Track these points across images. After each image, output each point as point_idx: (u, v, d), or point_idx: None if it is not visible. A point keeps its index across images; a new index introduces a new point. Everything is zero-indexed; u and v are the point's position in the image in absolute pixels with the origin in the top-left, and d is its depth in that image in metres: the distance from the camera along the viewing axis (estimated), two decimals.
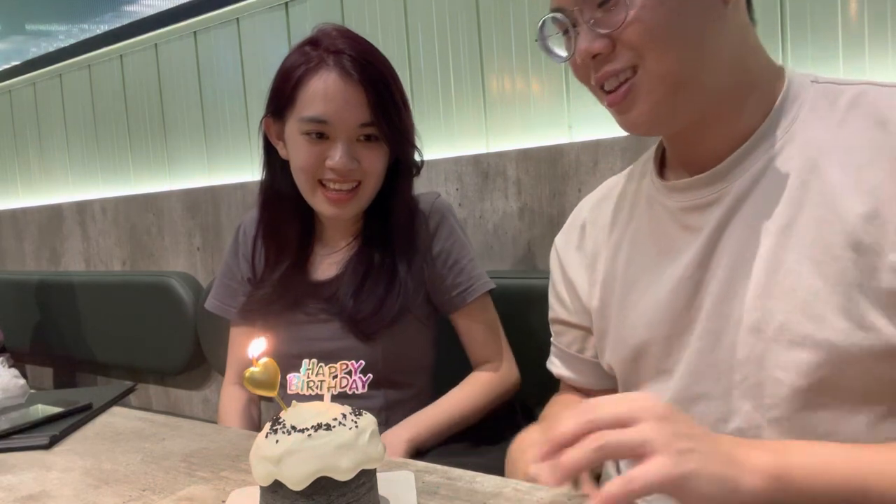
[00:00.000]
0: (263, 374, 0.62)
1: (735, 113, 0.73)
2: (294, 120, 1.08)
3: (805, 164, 0.69)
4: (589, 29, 0.71)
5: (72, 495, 0.76)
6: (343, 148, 1.06)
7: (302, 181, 1.11)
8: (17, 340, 2.34)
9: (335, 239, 1.20)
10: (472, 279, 1.16)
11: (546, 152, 1.41)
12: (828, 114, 0.71)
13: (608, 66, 0.72)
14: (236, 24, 1.94)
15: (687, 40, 0.69)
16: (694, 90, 0.71)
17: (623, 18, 0.68)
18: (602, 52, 0.71)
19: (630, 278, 0.83)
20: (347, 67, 1.05)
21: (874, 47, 1.12)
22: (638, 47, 0.69)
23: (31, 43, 2.61)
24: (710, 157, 0.74)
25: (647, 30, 0.68)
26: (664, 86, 0.70)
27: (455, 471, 0.73)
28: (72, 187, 2.54)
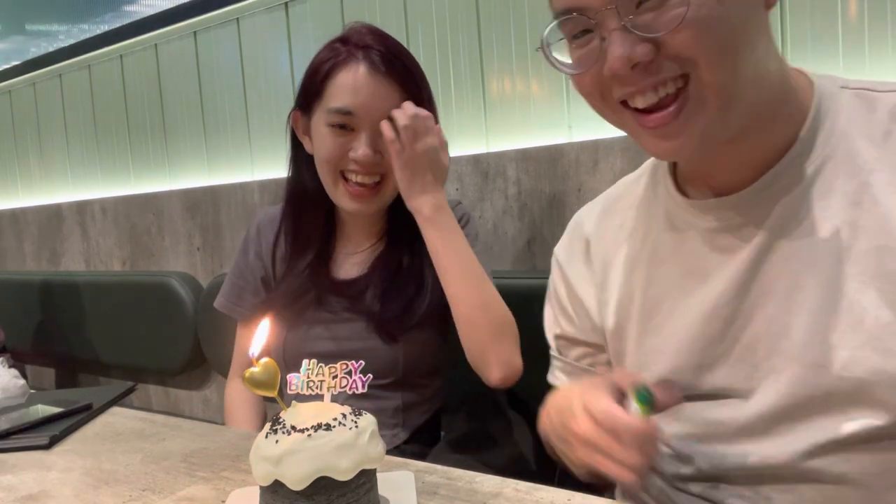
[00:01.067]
0: (263, 374, 0.62)
1: (768, 128, 0.66)
2: (321, 112, 1.09)
3: (854, 183, 0.63)
4: (626, 33, 0.60)
5: (72, 495, 0.76)
6: (367, 139, 1.07)
7: (325, 173, 1.11)
8: (17, 340, 2.33)
9: (358, 238, 1.20)
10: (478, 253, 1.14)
11: (546, 152, 1.41)
12: (868, 125, 0.65)
13: (651, 78, 0.61)
14: (236, 24, 1.94)
15: (742, 48, 0.60)
16: (743, 105, 0.63)
17: (680, 16, 0.58)
18: (643, 61, 0.60)
19: (651, 300, 0.77)
20: (376, 62, 1.07)
21: (874, 47, 1.12)
22: (689, 55, 0.60)
23: (31, 43, 2.61)
24: (741, 176, 0.68)
25: (703, 35, 0.59)
26: (718, 100, 0.61)
27: (455, 471, 0.73)
28: (72, 187, 2.54)
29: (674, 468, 0.76)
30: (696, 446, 0.74)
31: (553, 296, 0.90)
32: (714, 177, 0.70)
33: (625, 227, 0.81)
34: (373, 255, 1.17)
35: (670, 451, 0.77)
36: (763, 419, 0.69)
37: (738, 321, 0.69)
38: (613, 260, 0.82)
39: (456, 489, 0.69)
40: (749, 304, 0.68)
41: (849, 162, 0.64)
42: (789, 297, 0.66)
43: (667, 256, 0.76)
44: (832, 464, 0.65)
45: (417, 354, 1.12)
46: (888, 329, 0.61)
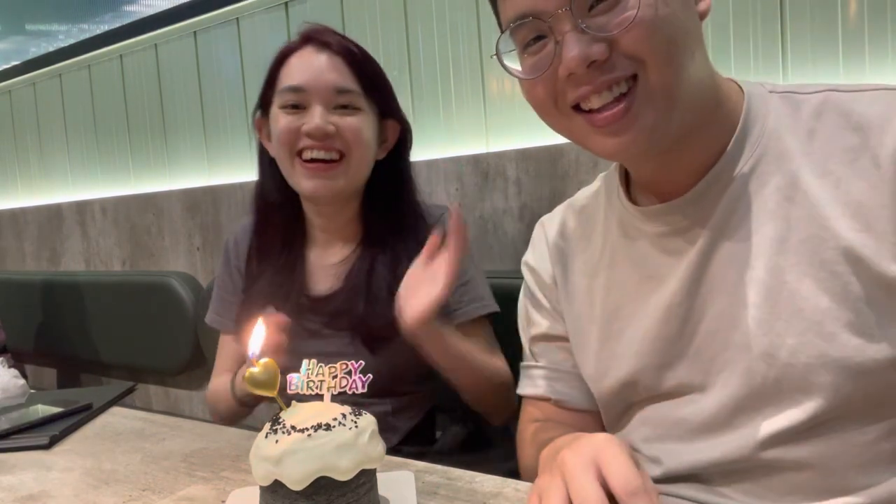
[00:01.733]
0: (263, 374, 0.62)
1: (704, 133, 0.69)
2: (276, 100, 1.08)
3: (785, 178, 0.67)
4: (580, 34, 0.63)
5: (72, 495, 0.76)
6: (318, 112, 1.05)
7: (282, 159, 1.08)
8: (17, 340, 2.33)
9: (333, 247, 1.14)
10: (474, 299, 1.10)
11: (546, 152, 1.41)
12: (794, 123, 0.68)
13: (606, 76, 0.64)
14: (236, 24, 1.94)
15: (685, 52, 0.64)
16: (686, 107, 0.66)
17: (629, 17, 0.61)
18: (598, 60, 0.63)
19: (611, 306, 0.80)
20: (322, 41, 1.07)
21: (874, 47, 1.12)
22: (639, 53, 0.63)
23: (31, 43, 2.60)
24: (683, 180, 0.71)
25: (651, 33, 0.62)
26: (665, 100, 0.65)
27: (455, 471, 0.73)
28: (72, 187, 2.54)
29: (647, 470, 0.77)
30: (662, 446, 0.76)
31: (528, 299, 0.91)
32: (659, 182, 0.74)
33: (585, 235, 0.85)
34: (349, 265, 1.11)
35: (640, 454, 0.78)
36: (722, 413, 0.71)
37: (692, 319, 0.72)
38: (574, 267, 0.85)
39: (456, 489, 0.69)
40: (700, 302, 0.71)
41: (779, 159, 0.68)
42: (736, 291, 0.69)
43: (623, 263, 0.79)
44: (789, 451, 0.67)
45: (405, 363, 1.07)
46: (828, 314, 0.64)
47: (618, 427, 0.83)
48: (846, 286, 0.63)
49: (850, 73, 1.14)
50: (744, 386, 0.69)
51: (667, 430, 0.76)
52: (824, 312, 0.64)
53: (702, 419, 0.73)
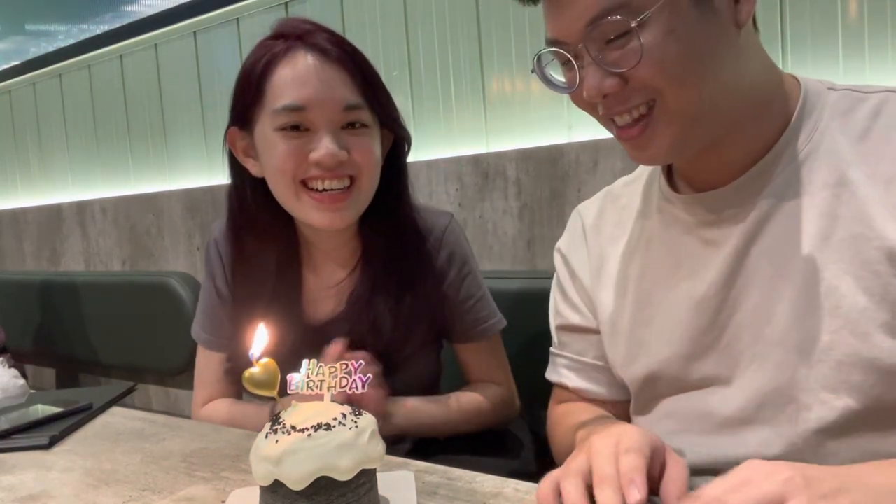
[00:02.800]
0: (263, 374, 0.62)
1: (750, 130, 0.70)
2: (265, 118, 0.92)
3: (833, 176, 0.67)
4: (597, 66, 0.66)
5: (72, 495, 0.76)
6: (328, 136, 0.90)
7: (282, 188, 0.93)
8: (17, 341, 2.33)
9: (331, 268, 1.03)
10: (485, 317, 1.06)
11: (546, 152, 1.41)
12: (849, 123, 0.68)
13: (620, 106, 0.68)
14: (236, 24, 1.94)
15: (704, 72, 0.66)
16: (712, 119, 0.68)
17: (636, 57, 0.64)
18: (612, 92, 0.67)
19: (644, 291, 0.80)
20: (321, 45, 0.92)
21: (874, 47, 1.12)
22: (653, 84, 0.66)
23: (31, 43, 2.61)
24: (727, 172, 0.72)
25: (661, 68, 0.64)
26: (683, 119, 0.67)
27: (455, 471, 0.73)
28: (72, 187, 2.54)
29: None
30: (686, 438, 0.76)
31: (557, 287, 0.93)
32: (704, 172, 0.74)
33: (621, 223, 0.85)
34: (350, 286, 1.01)
35: None
36: (749, 407, 0.71)
37: (724, 311, 0.73)
38: (610, 254, 0.85)
39: (456, 489, 0.69)
40: (735, 294, 0.72)
41: (830, 155, 0.68)
42: (772, 285, 0.69)
43: (658, 249, 0.79)
44: (817, 451, 0.67)
45: (409, 380, 1.03)
46: (864, 314, 0.64)
47: (643, 416, 0.83)
48: (886, 287, 0.63)
49: (850, 73, 1.14)
50: (773, 381, 0.69)
51: (692, 422, 0.76)
52: (861, 311, 0.64)
53: (728, 413, 0.73)
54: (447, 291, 1.03)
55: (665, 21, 0.63)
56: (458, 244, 1.05)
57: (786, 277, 0.68)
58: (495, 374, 1.09)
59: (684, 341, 0.75)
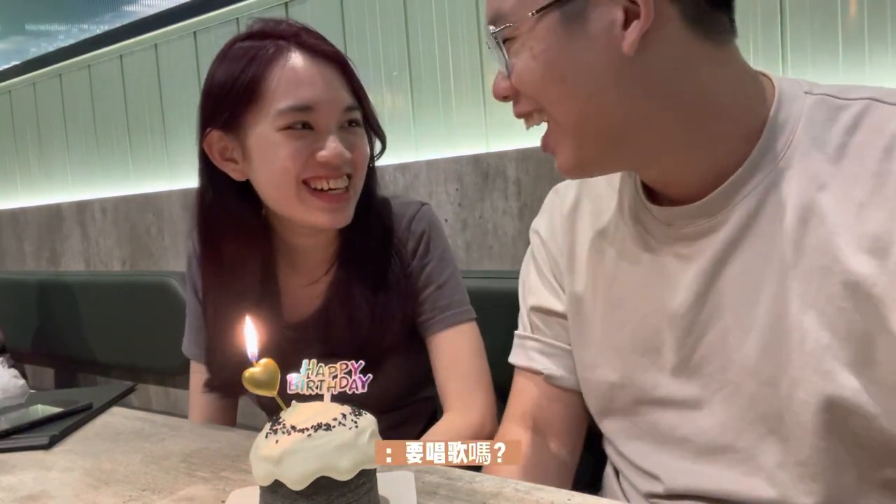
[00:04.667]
0: (263, 374, 0.62)
1: (709, 143, 0.66)
2: (266, 119, 0.91)
3: (803, 198, 0.63)
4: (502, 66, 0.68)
5: (72, 495, 0.76)
6: (333, 136, 0.92)
7: (283, 188, 0.93)
8: (17, 341, 2.33)
9: (311, 267, 1.03)
10: (445, 305, 1.02)
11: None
12: (827, 135, 0.64)
13: (517, 109, 0.70)
14: (236, 24, 1.94)
15: (573, 94, 0.64)
16: (628, 137, 0.66)
17: (512, 65, 0.66)
18: (507, 95, 0.69)
19: (615, 297, 0.78)
20: (314, 46, 0.92)
21: (874, 47, 1.12)
22: (529, 94, 0.67)
23: (31, 43, 2.61)
24: (696, 184, 0.69)
25: (525, 82, 0.66)
26: (572, 133, 0.67)
27: (455, 471, 0.73)
28: (72, 187, 2.54)
29: (647, 486, 0.77)
30: (661, 462, 0.75)
31: (534, 269, 0.89)
32: (672, 184, 0.72)
33: (595, 214, 0.83)
34: (326, 285, 1.02)
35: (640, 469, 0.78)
36: (726, 435, 0.69)
37: (695, 331, 0.71)
38: (581, 242, 0.83)
39: (456, 489, 0.69)
40: (706, 315, 0.70)
41: (802, 175, 0.64)
42: (744, 311, 0.67)
43: (632, 255, 0.77)
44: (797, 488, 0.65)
45: (399, 379, 1.03)
46: (828, 351, 0.61)
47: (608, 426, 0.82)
48: (850, 324, 0.60)
49: (849, 73, 1.14)
50: (749, 410, 0.68)
51: (667, 447, 0.75)
52: (825, 349, 0.61)
53: (703, 440, 0.71)
54: (410, 277, 1.02)
55: (525, 39, 0.65)
56: (424, 231, 1.04)
57: (755, 304, 0.66)
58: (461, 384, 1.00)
59: (655, 352, 0.74)
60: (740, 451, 0.69)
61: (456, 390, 1.00)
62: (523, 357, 0.88)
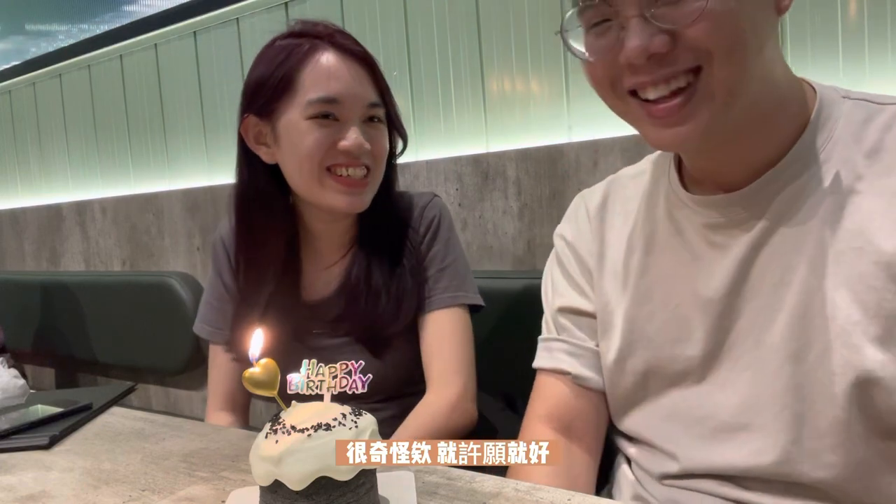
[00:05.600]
0: (263, 374, 0.62)
1: (767, 130, 0.69)
2: (296, 108, 1.01)
3: (841, 187, 0.66)
4: (644, 23, 0.62)
5: (72, 495, 0.75)
6: (356, 127, 1.01)
7: (306, 172, 1.02)
8: (16, 341, 2.34)
9: (329, 251, 1.12)
10: (445, 289, 1.08)
11: (546, 152, 1.41)
12: (864, 134, 0.67)
13: (666, 69, 0.63)
14: (236, 24, 1.94)
15: (750, 46, 0.63)
16: (746, 104, 0.66)
17: (699, 8, 0.59)
18: (659, 52, 0.62)
19: (644, 287, 0.79)
20: (344, 45, 1.02)
21: (874, 47, 1.12)
22: (705, 47, 0.61)
23: (31, 43, 2.61)
24: (740, 174, 0.70)
25: (718, 26, 0.60)
26: (726, 95, 0.64)
27: (455, 471, 0.73)
28: (71, 187, 2.54)
29: (662, 467, 0.78)
30: (679, 442, 0.76)
31: (560, 271, 0.89)
32: (714, 174, 0.73)
33: (625, 213, 0.84)
34: (344, 266, 1.10)
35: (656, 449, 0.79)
36: (745, 412, 0.71)
37: (730, 315, 0.72)
38: (612, 242, 0.84)
39: (456, 489, 0.69)
40: (741, 300, 0.71)
41: (841, 168, 0.67)
42: (775, 292, 0.69)
43: (663, 247, 0.78)
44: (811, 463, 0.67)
45: (407, 361, 1.08)
46: (857, 327, 0.64)
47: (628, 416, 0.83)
48: (881, 302, 0.63)
49: (849, 74, 1.14)
50: (771, 386, 0.69)
51: (688, 426, 0.75)
52: (854, 324, 0.64)
53: (724, 418, 0.72)
54: (423, 258, 1.09)
55: None
56: (435, 217, 1.11)
57: (787, 285, 0.68)
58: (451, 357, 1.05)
59: (687, 341, 0.75)
60: (758, 427, 0.70)
61: (438, 368, 1.05)
62: (549, 359, 0.87)
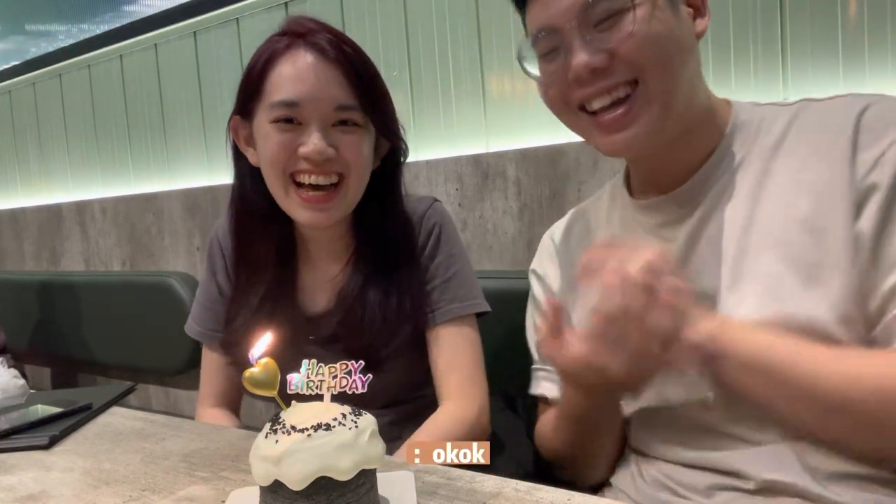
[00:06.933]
0: (263, 374, 0.62)
1: (695, 138, 0.80)
2: (263, 110, 0.96)
3: (761, 166, 0.77)
4: (586, 45, 0.74)
5: (72, 495, 0.76)
6: (316, 132, 0.93)
7: (273, 179, 0.97)
8: (17, 341, 2.34)
9: (324, 263, 1.07)
10: (452, 300, 1.03)
11: (546, 152, 1.41)
12: (771, 130, 0.79)
13: (604, 82, 0.75)
14: (236, 24, 1.94)
15: (678, 60, 0.75)
16: (678, 112, 0.77)
17: (628, 32, 0.72)
18: (600, 67, 0.74)
19: None
20: (321, 45, 0.95)
21: (874, 47, 1.12)
22: (638, 62, 0.74)
23: (31, 43, 2.61)
24: (676, 175, 0.81)
25: (648, 43, 0.73)
26: (661, 103, 0.75)
27: (455, 471, 0.73)
28: (71, 187, 2.54)
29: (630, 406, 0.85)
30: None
31: (534, 306, 0.99)
32: (656, 178, 0.84)
33: (587, 234, 0.94)
34: (344, 279, 1.04)
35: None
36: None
37: None
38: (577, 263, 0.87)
39: (456, 489, 0.69)
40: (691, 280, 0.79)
41: (761, 152, 0.78)
42: (713, 270, 0.77)
43: None
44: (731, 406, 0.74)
45: (406, 373, 1.04)
46: (782, 280, 0.72)
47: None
48: (803, 252, 0.71)
49: (849, 74, 1.14)
50: None
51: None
52: (779, 277, 0.72)
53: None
54: (424, 270, 1.04)
55: (650, 7, 0.73)
56: (434, 226, 1.06)
57: (722, 260, 0.77)
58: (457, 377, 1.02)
59: None
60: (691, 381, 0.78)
61: (456, 381, 1.02)
62: (536, 387, 0.97)
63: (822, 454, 0.70)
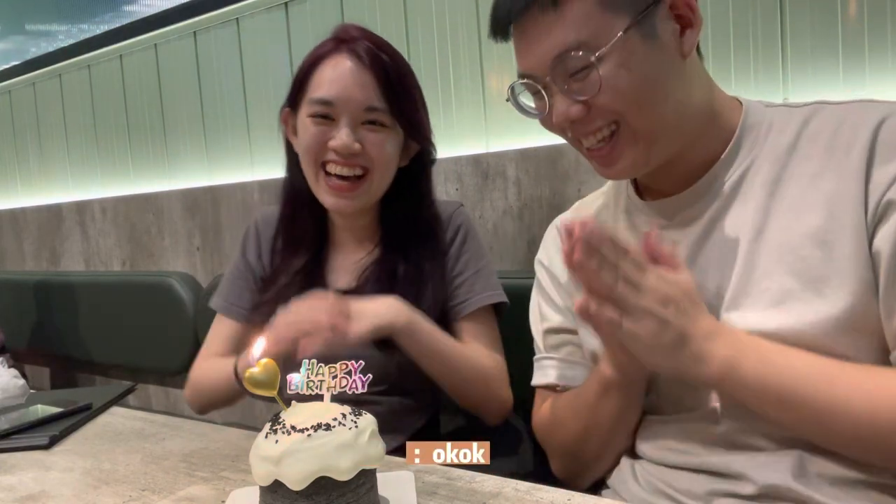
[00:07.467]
0: (263, 374, 0.62)
1: (701, 144, 0.80)
2: (305, 104, 1.09)
3: (771, 174, 0.76)
4: (562, 96, 0.75)
5: (72, 495, 0.76)
6: (345, 128, 1.06)
7: (307, 165, 1.10)
8: (16, 341, 2.34)
9: (352, 246, 1.17)
10: (485, 288, 1.13)
11: (546, 152, 1.41)
12: (783, 133, 0.78)
13: (586, 128, 0.77)
14: (236, 24, 1.94)
15: (656, 97, 0.75)
16: (671, 137, 0.77)
17: (596, 87, 0.73)
18: (578, 118, 0.76)
19: None
20: (358, 52, 1.07)
21: (874, 47, 1.12)
22: (613, 108, 0.75)
23: (31, 43, 2.61)
24: (682, 181, 0.81)
25: (618, 95, 0.73)
26: (646, 138, 0.76)
27: (455, 471, 0.73)
28: (71, 187, 2.54)
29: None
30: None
31: (540, 295, 0.98)
32: (661, 184, 0.84)
33: None
34: (368, 262, 1.14)
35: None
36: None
37: None
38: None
39: (456, 489, 0.69)
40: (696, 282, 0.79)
41: (771, 158, 0.77)
42: (721, 275, 0.77)
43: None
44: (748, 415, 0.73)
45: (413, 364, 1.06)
46: (790, 294, 0.71)
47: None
48: (811, 268, 0.70)
49: (849, 74, 1.14)
50: None
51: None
52: (787, 292, 0.71)
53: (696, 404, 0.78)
54: (452, 266, 1.13)
55: (618, 56, 0.72)
56: (462, 225, 1.16)
57: (730, 267, 0.76)
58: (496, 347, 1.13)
59: None
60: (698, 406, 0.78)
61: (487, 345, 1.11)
62: (542, 376, 0.96)
63: (823, 459, 0.69)
